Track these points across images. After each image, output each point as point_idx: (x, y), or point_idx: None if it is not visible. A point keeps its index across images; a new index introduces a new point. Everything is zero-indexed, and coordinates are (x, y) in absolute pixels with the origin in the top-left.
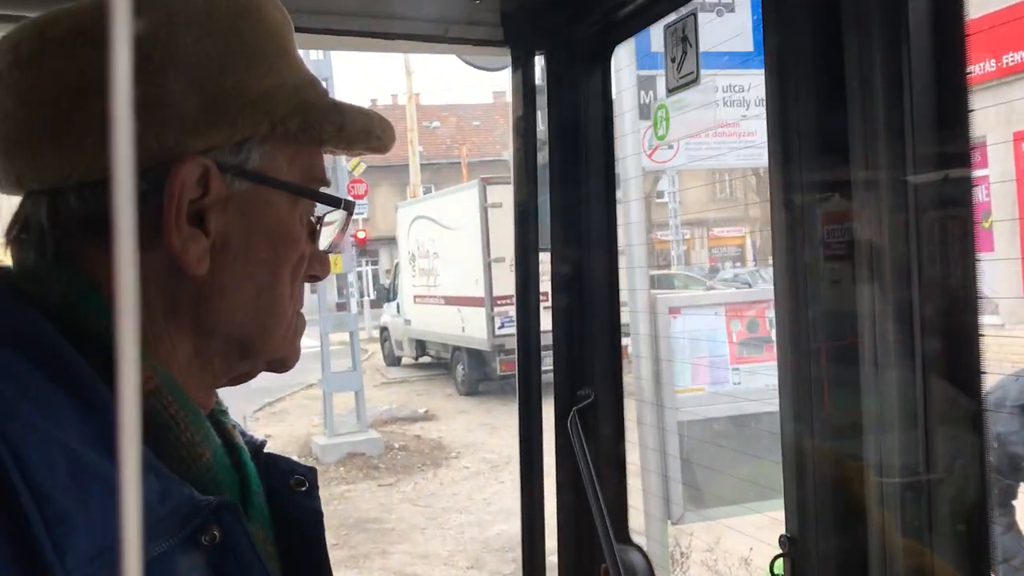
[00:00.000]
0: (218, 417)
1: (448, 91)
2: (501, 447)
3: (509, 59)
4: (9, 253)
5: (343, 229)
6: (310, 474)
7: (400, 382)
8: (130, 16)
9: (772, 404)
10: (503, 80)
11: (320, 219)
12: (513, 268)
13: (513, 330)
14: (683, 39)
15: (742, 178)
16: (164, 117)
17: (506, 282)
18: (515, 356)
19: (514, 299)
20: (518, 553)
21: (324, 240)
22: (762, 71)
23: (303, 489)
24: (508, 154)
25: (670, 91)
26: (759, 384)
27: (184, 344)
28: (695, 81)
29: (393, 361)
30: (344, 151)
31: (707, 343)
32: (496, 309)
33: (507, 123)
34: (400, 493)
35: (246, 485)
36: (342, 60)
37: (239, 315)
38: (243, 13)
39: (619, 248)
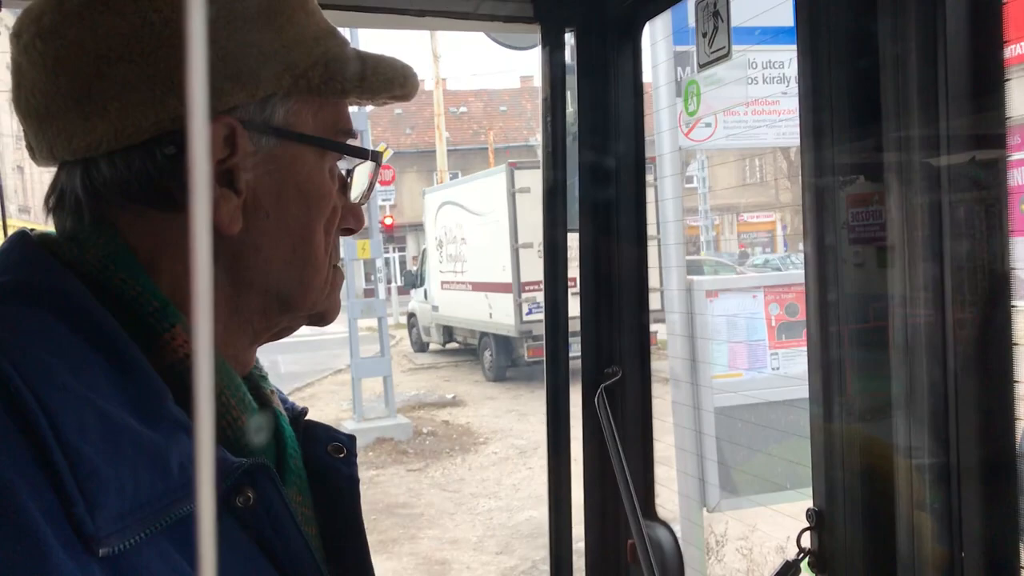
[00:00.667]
0: (257, 382)
1: (475, 76)
2: (529, 433)
3: (538, 37)
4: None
5: (372, 181)
6: (349, 442)
7: (428, 368)
8: None
9: None
10: (530, 65)
11: (350, 171)
12: (541, 253)
13: (541, 316)
14: (715, 14)
15: (772, 162)
16: (183, 82)
17: (534, 268)
18: (543, 342)
19: (540, 285)
20: (547, 539)
21: (355, 191)
22: None
23: (341, 456)
24: (535, 139)
25: (701, 67)
26: (799, 369)
27: (221, 304)
28: (726, 56)
29: (421, 347)
30: (368, 100)
31: (745, 327)
32: (524, 295)
33: (534, 108)
34: (429, 478)
35: (282, 449)
36: (369, 46)
37: (276, 270)
38: None
39: (651, 226)
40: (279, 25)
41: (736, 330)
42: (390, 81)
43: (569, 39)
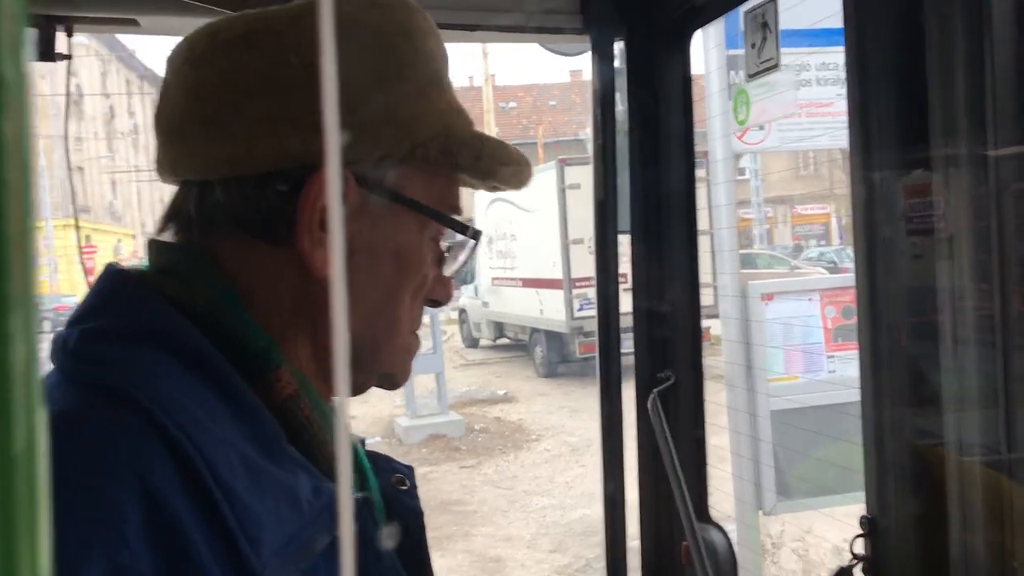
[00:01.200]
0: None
1: (523, 71)
2: (581, 430)
3: (588, 45)
4: (147, 249)
5: (468, 259)
6: (410, 473)
7: (479, 364)
8: (332, 24)
9: None
10: (580, 59)
11: (449, 246)
12: (592, 250)
13: (592, 312)
14: (763, 25)
15: (827, 154)
16: (312, 124)
17: (584, 264)
18: (594, 338)
19: (591, 281)
20: (601, 537)
21: (449, 265)
22: None
23: (404, 488)
24: (584, 133)
25: (750, 76)
26: (855, 373)
27: (306, 346)
28: (775, 67)
29: (471, 343)
30: (479, 182)
31: (801, 330)
32: (574, 291)
33: (584, 102)
34: (482, 475)
35: (365, 483)
36: None
37: (355, 325)
38: (405, 40)
39: (702, 230)
40: (410, 92)
41: (792, 333)
42: (503, 165)
43: (618, 46)
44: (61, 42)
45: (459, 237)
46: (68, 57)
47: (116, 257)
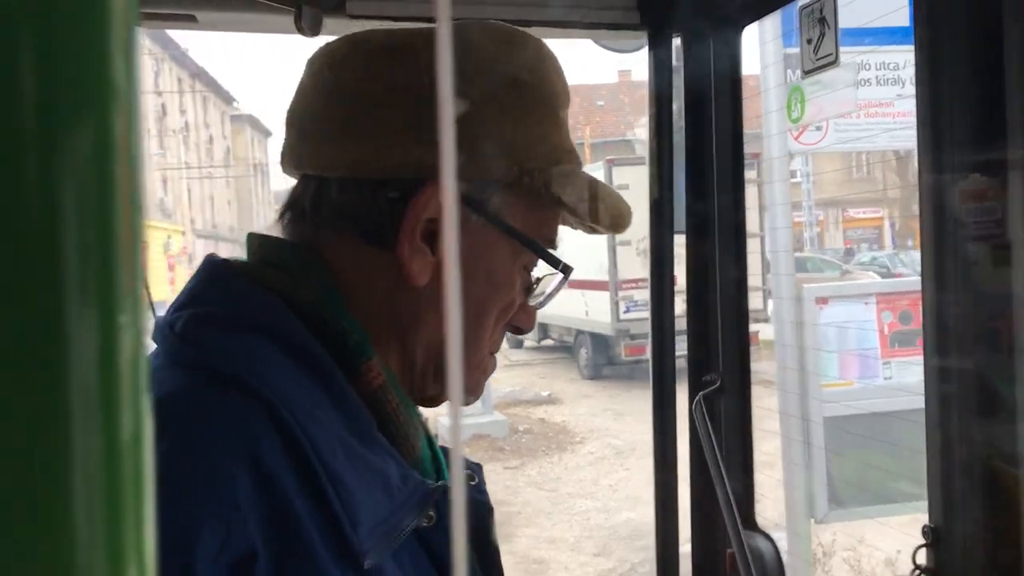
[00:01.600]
0: None
1: (571, 71)
2: (626, 433)
3: (644, 41)
4: (247, 242)
5: (554, 292)
6: (479, 470)
7: (523, 364)
8: (449, 45)
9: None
10: (627, 59)
11: (539, 278)
12: (639, 252)
13: (638, 314)
14: (821, 20)
15: (881, 157)
16: (432, 140)
17: (631, 266)
18: (640, 341)
19: (638, 283)
20: (646, 541)
21: (536, 296)
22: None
23: (473, 483)
24: (632, 134)
25: (806, 73)
26: (913, 379)
27: (395, 349)
28: (834, 63)
29: (515, 343)
30: (579, 220)
31: (856, 335)
32: (620, 293)
33: (632, 103)
34: (525, 476)
35: (440, 475)
36: None
37: (442, 336)
38: (530, 76)
39: (752, 231)
40: (526, 125)
41: (847, 338)
42: (606, 207)
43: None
44: None
45: (549, 269)
46: None
47: (166, 254)
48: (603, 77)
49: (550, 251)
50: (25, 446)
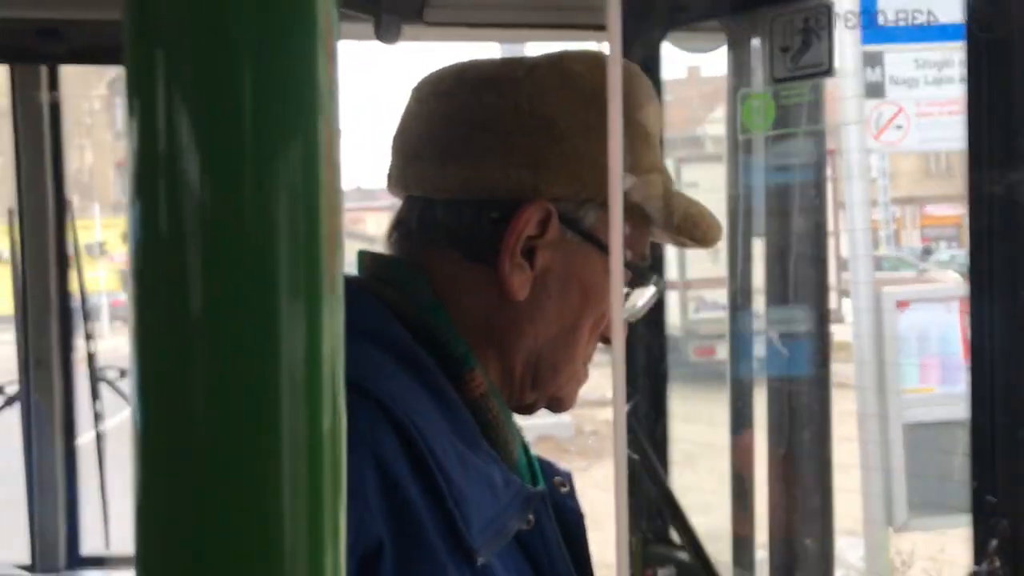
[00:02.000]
0: None
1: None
2: (695, 436)
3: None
4: (358, 259)
5: (645, 306)
6: (569, 477)
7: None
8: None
9: None
10: (696, 56)
11: (630, 292)
12: (709, 250)
13: (707, 315)
14: (804, 30)
15: (959, 153)
16: (530, 162)
17: (700, 265)
18: (710, 342)
19: (710, 283)
20: (714, 547)
21: (627, 310)
22: None
23: (565, 490)
24: (701, 129)
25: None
26: None
27: (495, 361)
28: (828, 73)
29: None
30: (669, 236)
31: (938, 339)
32: (689, 293)
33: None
34: (591, 478)
35: (535, 481)
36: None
37: (540, 345)
38: (624, 101)
39: (832, 230)
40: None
41: (928, 341)
42: (694, 224)
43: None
44: None
45: (642, 286)
46: None
47: None
48: (672, 72)
49: (641, 267)
50: (239, 435)
